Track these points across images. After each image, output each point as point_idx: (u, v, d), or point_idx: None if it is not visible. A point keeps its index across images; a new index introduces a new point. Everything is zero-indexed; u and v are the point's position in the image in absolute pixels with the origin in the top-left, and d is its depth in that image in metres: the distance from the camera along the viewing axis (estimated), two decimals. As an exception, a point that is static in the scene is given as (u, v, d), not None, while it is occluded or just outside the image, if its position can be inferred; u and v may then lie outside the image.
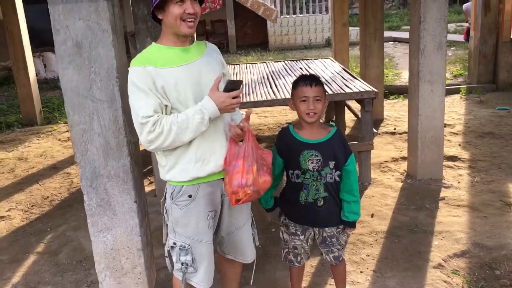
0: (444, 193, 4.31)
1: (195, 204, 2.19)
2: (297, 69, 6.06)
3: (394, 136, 6.02)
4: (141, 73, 2.03)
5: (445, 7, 4.18)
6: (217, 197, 2.26)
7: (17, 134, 7.58)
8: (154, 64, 2.05)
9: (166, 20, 2.10)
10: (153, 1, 2.07)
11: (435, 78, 4.33)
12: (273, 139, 6.30)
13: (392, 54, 13.67)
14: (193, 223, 2.20)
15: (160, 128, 2.01)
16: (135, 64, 2.06)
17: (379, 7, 6.35)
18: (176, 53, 2.13)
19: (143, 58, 2.08)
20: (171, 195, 2.20)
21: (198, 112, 2.03)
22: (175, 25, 2.08)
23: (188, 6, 2.07)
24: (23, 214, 4.56)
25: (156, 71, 2.04)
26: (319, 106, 2.39)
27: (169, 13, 2.06)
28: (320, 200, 2.45)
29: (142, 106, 2.01)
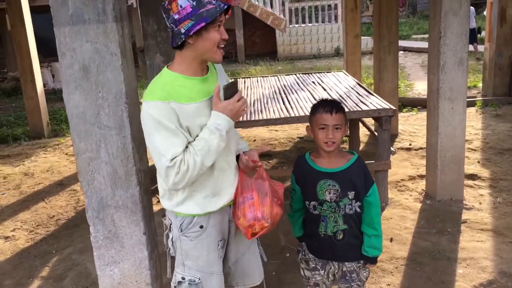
0: (466, 215, 4.12)
1: (206, 234, 2.07)
2: (310, 83, 5.91)
3: (410, 153, 5.84)
4: (165, 109, 1.84)
5: (466, 22, 4.02)
6: (225, 224, 2.16)
7: (24, 147, 7.48)
8: (177, 99, 1.87)
9: (200, 46, 1.90)
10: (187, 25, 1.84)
11: (456, 95, 4.16)
12: (284, 155, 6.14)
13: (403, 64, 13.49)
14: (205, 255, 2.08)
15: (186, 166, 1.85)
16: (156, 99, 1.84)
17: (393, 20, 6.19)
18: (197, 85, 1.97)
19: (164, 92, 1.87)
20: (180, 227, 2.06)
21: (214, 131, 1.89)
22: (211, 51, 1.92)
23: (223, 31, 1.92)
24: (28, 234, 4.42)
25: (181, 108, 1.87)
26: (338, 135, 2.22)
27: (208, 38, 1.89)
28: (339, 233, 2.29)
29: (170, 147, 1.84)
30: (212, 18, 1.83)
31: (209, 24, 1.85)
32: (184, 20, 1.84)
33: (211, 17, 1.83)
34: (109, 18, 2.15)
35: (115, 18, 2.16)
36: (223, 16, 1.91)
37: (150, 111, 1.84)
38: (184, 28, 1.85)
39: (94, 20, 2.15)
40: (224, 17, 1.92)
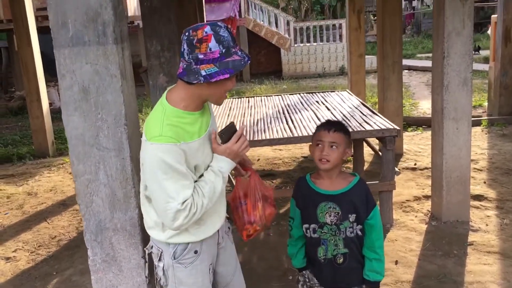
0: (472, 237, 4.05)
1: (200, 260, 2.05)
2: (313, 102, 5.90)
3: (415, 172, 5.78)
4: (176, 152, 1.80)
5: (470, 42, 4.00)
6: (215, 247, 2.16)
7: (28, 166, 7.48)
8: (185, 139, 1.85)
9: (212, 90, 1.87)
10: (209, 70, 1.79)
11: (461, 115, 4.12)
12: (288, 174, 6.10)
13: (407, 83, 13.47)
14: (200, 281, 2.06)
15: (195, 208, 1.85)
16: (167, 142, 1.79)
17: (397, 39, 6.19)
18: (198, 120, 1.95)
19: (174, 133, 1.81)
20: (173, 254, 2.01)
21: (218, 174, 1.94)
22: (220, 97, 1.93)
23: (234, 80, 1.91)
24: (29, 255, 4.39)
25: (188, 147, 1.86)
26: (333, 154, 2.19)
27: (223, 86, 1.87)
28: (339, 256, 2.24)
29: (180, 191, 1.81)
30: (237, 71, 1.81)
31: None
32: (207, 63, 1.79)
33: (236, 70, 1.80)
34: (109, 40, 2.15)
35: (115, 40, 2.16)
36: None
37: (160, 154, 1.78)
38: (205, 71, 1.78)
39: (94, 42, 2.15)
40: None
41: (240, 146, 1.96)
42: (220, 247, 2.18)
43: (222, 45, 1.78)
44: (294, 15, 22.13)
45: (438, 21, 4.08)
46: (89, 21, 2.13)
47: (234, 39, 1.85)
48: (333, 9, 25.06)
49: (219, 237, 2.16)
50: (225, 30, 1.81)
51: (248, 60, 1.85)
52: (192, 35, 1.79)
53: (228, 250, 2.24)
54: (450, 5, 3.93)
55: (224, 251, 2.21)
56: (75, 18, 2.13)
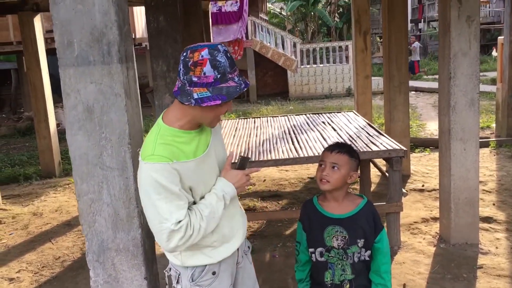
0: (482, 260, 3.97)
1: (219, 281, 2.00)
2: (320, 123, 5.88)
3: (423, 194, 5.72)
4: (169, 172, 1.75)
5: (477, 62, 3.99)
6: (234, 267, 2.11)
7: (35, 186, 7.48)
8: (179, 158, 1.79)
9: (204, 114, 1.82)
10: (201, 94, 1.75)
11: (468, 136, 4.08)
12: (294, 195, 6.05)
13: (414, 105, 13.46)
14: None
15: (191, 230, 1.79)
16: (160, 161, 1.75)
17: (404, 60, 6.20)
18: (194, 139, 1.89)
19: (167, 152, 1.77)
20: (191, 277, 1.96)
21: (221, 198, 1.89)
22: (212, 121, 1.87)
23: (230, 104, 1.86)
24: (33, 276, 4.35)
25: (183, 167, 1.80)
26: (333, 175, 2.14)
27: (215, 111, 1.82)
28: (346, 282, 2.18)
29: (174, 211, 1.76)
30: (230, 98, 1.75)
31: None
32: (201, 87, 1.74)
33: (229, 97, 1.74)
34: (114, 60, 2.16)
35: (120, 59, 2.16)
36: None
37: (153, 174, 1.75)
38: (198, 95, 1.74)
39: (99, 61, 2.16)
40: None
41: (247, 181, 1.97)
42: (239, 267, 2.14)
43: (218, 71, 1.73)
44: (301, 37, 22.34)
45: (444, 42, 4.08)
46: (94, 41, 2.14)
47: (232, 64, 1.78)
48: (340, 31, 25.27)
49: (239, 256, 2.11)
50: (223, 55, 1.75)
51: (245, 87, 1.79)
52: (188, 57, 1.75)
53: (246, 270, 2.19)
54: (456, 26, 3.94)
55: (243, 270, 2.16)
56: (81, 38, 2.14)
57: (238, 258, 2.11)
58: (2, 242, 5.20)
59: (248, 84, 1.83)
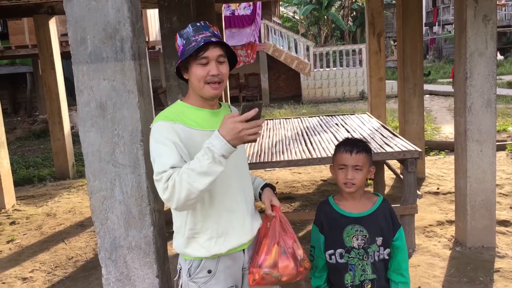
0: (498, 263, 3.89)
1: (215, 280, 1.95)
2: (333, 125, 5.84)
3: (438, 197, 5.64)
4: (167, 128, 1.83)
5: (493, 62, 3.93)
6: (237, 270, 2.02)
7: (49, 188, 7.54)
8: (184, 122, 1.86)
9: (191, 82, 1.94)
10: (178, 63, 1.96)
11: (485, 138, 4.01)
12: (307, 198, 6.01)
13: (429, 108, 13.33)
14: None
15: (172, 181, 1.71)
16: (162, 119, 1.87)
17: (418, 62, 6.14)
18: (206, 116, 1.94)
19: (172, 114, 1.89)
20: (188, 271, 1.96)
21: (206, 151, 1.70)
22: (198, 87, 1.91)
23: (212, 67, 1.87)
24: (46, 276, 4.36)
25: (188, 132, 1.85)
26: (358, 177, 2.11)
27: (193, 74, 1.90)
28: (367, 282, 2.13)
29: (159, 162, 1.79)
30: (188, 55, 1.86)
31: (192, 61, 1.87)
32: (180, 57, 1.94)
33: (187, 54, 1.86)
34: (127, 56, 2.15)
35: (132, 56, 2.16)
36: (212, 52, 1.86)
37: (152, 131, 1.87)
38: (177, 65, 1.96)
39: (112, 58, 2.15)
40: (214, 52, 1.86)
41: (245, 127, 1.67)
42: (245, 272, 2.04)
43: (182, 38, 1.91)
44: (314, 41, 22.28)
45: (460, 42, 4.02)
46: (108, 37, 2.14)
47: (198, 29, 1.89)
48: (353, 34, 25.17)
49: (245, 262, 2.03)
50: (189, 25, 1.92)
51: (204, 42, 1.83)
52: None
53: None
54: (472, 26, 3.88)
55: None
56: (94, 35, 2.14)
57: (244, 264, 2.03)
58: (16, 242, 5.24)
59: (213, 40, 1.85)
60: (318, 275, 2.26)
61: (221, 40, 1.90)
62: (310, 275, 2.30)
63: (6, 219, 6.03)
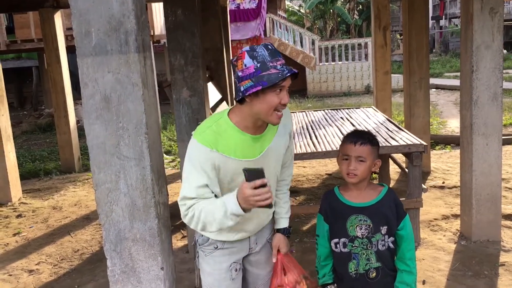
0: (504, 257, 3.88)
1: (220, 253, 2.13)
2: (338, 118, 5.83)
3: (444, 191, 5.62)
4: (204, 153, 1.89)
5: (500, 55, 3.90)
6: (244, 250, 2.18)
7: (55, 181, 7.58)
8: (221, 150, 1.90)
9: (256, 106, 1.87)
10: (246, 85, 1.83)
11: (491, 131, 3.99)
12: (311, 191, 6.01)
13: (435, 102, 13.28)
14: (216, 273, 2.13)
15: (192, 213, 1.92)
16: (202, 143, 1.89)
17: (424, 55, 6.10)
18: (246, 142, 1.95)
19: (212, 136, 1.90)
20: (198, 241, 2.18)
21: (222, 205, 1.84)
22: (267, 114, 1.87)
23: (284, 95, 1.87)
24: (52, 268, 4.40)
25: (223, 159, 1.91)
26: (360, 168, 2.12)
27: (265, 101, 1.84)
28: (372, 271, 2.15)
29: (187, 187, 1.93)
30: (271, 84, 1.80)
31: (267, 88, 1.81)
32: (245, 79, 1.84)
33: (269, 83, 1.80)
34: (131, 49, 2.15)
35: (137, 48, 2.15)
36: (288, 81, 1.86)
37: (190, 148, 1.94)
38: (243, 87, 1.85)
39: (117, 50, 2.15)
40: (288, 82, 1.87)
41: (252, 195, 1.75)
42: (252, 251, 2.20)
43: (257, 60, 1.83)
44: (320, 35, 22.19)
45: (466, 34, 4.00)
46: (112, 30, 2.14)
47: (274, 54, 1.85)
48: (359, 28, 25.06)
49: (251, 243, 2.17)
50: (262, 47, 1.85)
51: (289, 73, 1.81)
52: (234, 57, 1.91)
53: (265, 256, 2.24)
54: (478, 18, 3.85)
55: (260, 255, 2.22)
56: (98, 27, 2.14)
57: (251, 244, 2.17)
58: (22, 235, 5.28)
59: (295, 72, 1.85)
60: (324, 264, 2.30)
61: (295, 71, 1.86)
62: (316, 265, 2.33)
63: (13, 212, 6.08)
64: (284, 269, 2.21)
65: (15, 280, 4.19)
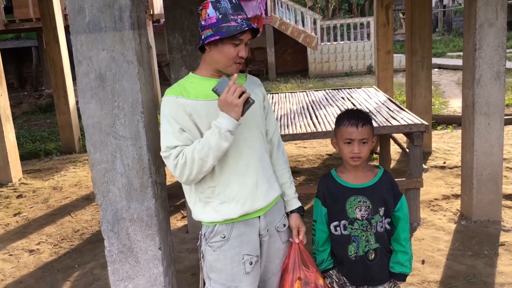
0: (504, 237, 3.87)
1: (229, 246, 1.99)
2: (339, 98, 5.78)
3: (444, 171, 5.60)
4: (172, 103, 1.93)
5: (503, 33, 3.83)
6: (253, 237, 2.03)
7: (55, 162, 7.58)
8: (187, 95, 1.94)
9: (215, 56, 1.95)
10: (206, 34, 1.91)
11: (493, 110, 3.95)
12: (312, 172, 5.99)
13: (437, 82, 13.17)
14: (228, 268, 1.99)
15: (183, 159, 1.88)
16: (169, 94, 1.96)
17: (426, 34, 6.01)
18: (206, 84, 1.98)
19: (178, 87, 1.97)
20: (205, 236, 2.04)
21: (214, 130, 1.85)
22: (225, 65, 1.95)
23: (242, 48, 1.94)
24: (53, 248, 4.41)
25: (190, 104, 1.93)
26: (365, 150, 2.09)
27: (223, 51, 1.92)
28: (371, 252, 2.14)
29: (165, 139, 1.92)
30: (228, 35, 1.87)
31: (225, 38, 1.89)
32: (207, 28, 1.91)
33: (228, 34, 1.87)
34: (126, 26, 2.10)
35: (132, 25, 2.11)
36: (246, 35, 1.93)
37: (162, 105, 1.96)
38: (204, 35, 1.92)
39: (111, 28, 2.10)
40: (247, 36, 1.93)
41: (231, 95, 1.82)
42: (263, 239, 2.06)
43: (219, 11, 1.89)
44: (322, 14, 21.94)
45: (469, 12, 3.92)
46: (106, 6, 2.09)
47: (236, 7, 1.91)
48: (361, 7, 24.77)
49: (261, 228, 2.04)
50: (226, 0, 1.90)
51: (247, 27, 1.87)
52: (199, 6, 1.96)
53: (274, 247, 2.11)
54: (482, -5, 3.77)
55: (268, 245, 2.09)
56: (92, 4, 2.09)
57: (261, 230, 2.04)
58: (23, 215, 5.29)
59: (254, 27, 1.90)
60: (322, 249, 2.26)
61: (254, 27, 1.91)
62: (314, 250, 2.30)
63: (13, 192, 6.08)
64: (304, 260, 2.11)
65: (15, 260, 4.21)
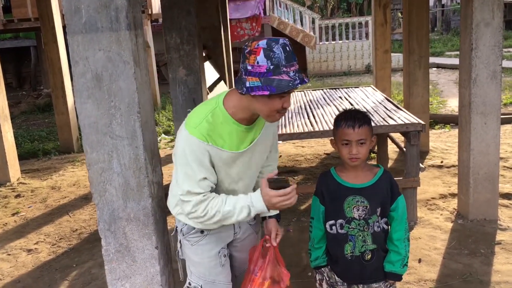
0: (500, 236, 3.89)
1: (207, 240, 2.10)
2: (337, 98, 5.79)
3: (442, 170, 5.61)
4: (197, 148, 1.86)
5: (500, 33, 3.85)
6: (230, 233, 2.17)
7: (53, 161, 7.58)
8: (215, 143, 1.88)
9: (257, 105, 1.82)
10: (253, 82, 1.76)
11: (489, 110, 3.97)
12: (310, 171, 6.01)
13: (435, 81, 13.20)
14: (206, 262, 2.11)
15: (204, 213, 1.90)
16: (194, 135, 1.85)
17: (424, 33, 6.03)
18: (239, 134, 1.93)
19: (205, 130, 1.86)
20: (182, 231, 2.12)
21: (246, 208, 1.89)
22: (267, 115, 1.84)
23: (287, 100, 1.81)
24: (51, 247, 4.42)
25: (213, 149, 1.89)
26: (362, 150, 2.10)
27: (268, 104, 1.79)
28: (367, 253, 2.15)
29: (187, 182, 1.89)
30: (279, 92, 1.73)
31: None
32: (254, 76, 1.75)
33: (278, 91, 1.72)
34: (122, 26, 2.11)
35: (128, 26, 2.12)
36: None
37: (187, 143, 1.87)
38: (249, 83, 1.76)
39: (107, 28, 2.11)
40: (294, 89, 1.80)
41: (279, 202, 1.85)
42: (237, 235, 2.19)
43: (271, 61, 1.72)
44: (320, 13, 21.95)
45: (466, 12, 3.94)
46: (102, 6, 2.10)
47: (290, 58, 1.75)
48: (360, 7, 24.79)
49: (235, 227, 2.17)
50: (280, 47, 1.73)
51: (300, 83, 1.74)
52: (247, 45, 1.78)
53: (247, 240, 2.23)
54: (478, -5, 3.79)
55: (242, 240, 2.21)
56: (88, 4, 2.10)
57: (235, 229, 2.17)
58: (21, 214, 5.30)
59: (306, 82, 1.79)
60: (317, 246, 2.28)
61: (306, 81, 1.81)
62: (309, 247, 2.32)
63: (11, 192, 6.09)
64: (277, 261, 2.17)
65: (13, 259, 4.22)
